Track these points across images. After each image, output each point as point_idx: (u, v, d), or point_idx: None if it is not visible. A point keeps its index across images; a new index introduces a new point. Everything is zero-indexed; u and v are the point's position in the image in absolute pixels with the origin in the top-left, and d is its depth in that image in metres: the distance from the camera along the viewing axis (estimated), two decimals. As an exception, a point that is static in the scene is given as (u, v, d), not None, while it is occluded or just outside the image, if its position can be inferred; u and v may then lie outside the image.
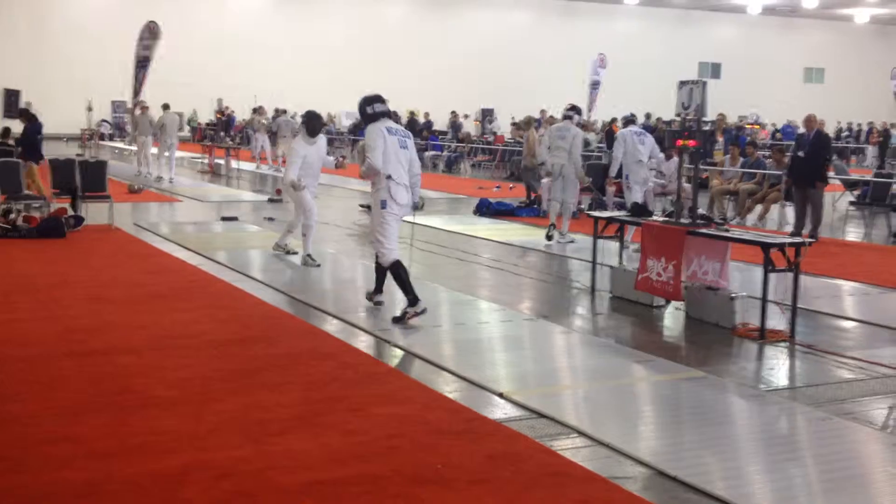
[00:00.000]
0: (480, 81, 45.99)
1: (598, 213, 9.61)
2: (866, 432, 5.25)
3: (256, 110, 27.68)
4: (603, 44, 40.23)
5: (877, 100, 45.61)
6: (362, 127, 8.02)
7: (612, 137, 16.92)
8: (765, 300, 7.28)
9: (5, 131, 15.70)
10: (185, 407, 5.30)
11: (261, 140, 26.86)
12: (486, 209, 15.82)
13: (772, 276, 7.31)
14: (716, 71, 51.41)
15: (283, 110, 28.68)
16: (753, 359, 6.91)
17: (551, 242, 12.33)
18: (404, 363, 6.55)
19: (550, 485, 4.33)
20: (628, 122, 13.86)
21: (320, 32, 44.31)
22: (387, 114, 7.70)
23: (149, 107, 22.33)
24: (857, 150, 36.45)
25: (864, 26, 54.26)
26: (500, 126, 39.88)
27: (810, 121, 13.77)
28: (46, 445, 4.65)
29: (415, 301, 7.49)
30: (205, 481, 4.25)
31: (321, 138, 10.47)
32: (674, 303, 8.32)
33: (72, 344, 6.67)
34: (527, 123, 18.44)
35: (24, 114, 16.28)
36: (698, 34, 51.76)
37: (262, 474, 4.35)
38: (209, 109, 39.73)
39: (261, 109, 27.60)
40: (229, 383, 5.78)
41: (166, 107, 22.06)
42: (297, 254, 10.60)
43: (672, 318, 8.19)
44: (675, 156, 12.60)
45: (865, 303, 9.22)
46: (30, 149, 14.76)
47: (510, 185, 21.16)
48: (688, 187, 8.62)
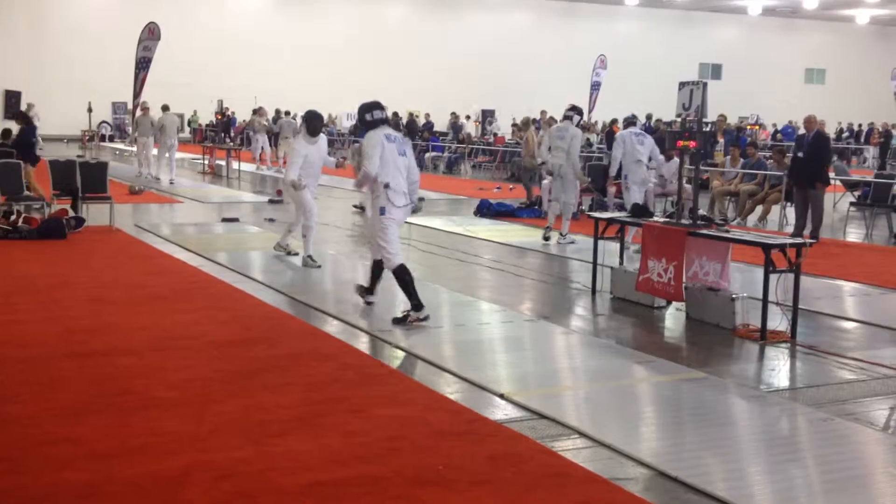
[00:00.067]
0: (480, 82, 46.00)
1: (598, 214, 9.60)
2: (867, 433, 5.24)
3: (256, 111, 27.66)
4: (603, 45, 40.24)
5: (877, 100, 45.63)
6: (362, 129, 8.02)
7: (613, 138, 16.89)
8: (766, 301, 7.27)
9: (5, 133, 15.68)
10: (185, 408, 5.30)
11: (261, 141, 26.86)
12: (486, 210, 15.82)
13: (773, 276, 7.31)
14: (716, 72, 51.44)
15: (287, 111, 28.67)
16: (754, 360, 6.91)
17: (549, 243, 12.34)
18: (405, 364, 6.54)
19: (551, 486, 4.33)
20: (629, 123, 13.85)
21: (320, 33, 44.33)
22: (385, 121, 7.72)
23: (149, 107, 22.32)
24: (857, 151, 36.44)
25: (865, 27, 54.29)
26: (500, 127, 39.89)
27: (810, 121, 13.76)
28: (47, 446, 4.65)
29: (419, 307, 7.48)
30: (205, 482, 4.25)
31: (322, 138, 10.47)
32: (675, 304, 8.32)
33: (72, 345, 6.67)
34: (525, 124, 18.46)
35: (19, 115, 16.27)
36: (699, 35, 51.78)
37: (262, 475, 4.34)
38: (209, 110, 39.75)
39: (261, 110, 27.57)
40: (230, 384, 5.78)
41: (165, 108, 22.05)
42: (298, 255, 10.60)
43: (673, 319, 8.18)
44: (675, 157, 12.60)
45: (866, 303, 9.22)
46: (24, 150, 14.71)
47: (510, 186, 21.15)
48: (688, 188, 8.60)
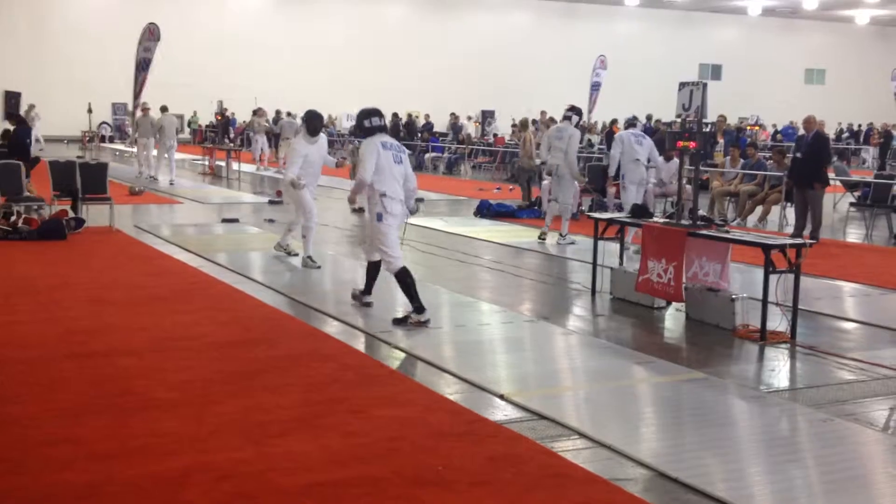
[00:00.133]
0: (480, 82, 46.02)
1: (598, 215, 9.61)
2: (867, 434, 5.24)
3: (256, 112, 27.67)
4: (603, 45, 40.21)
5: (877, 101, 45.64)
6: (360, 133, 8.05)
7: (613, 139, 16.90)
8: (765, 301, 7.28)
9: (5, 133, 15.69)
10: (185, 409, 5.30)
11: (260, 142, 26.86)
12: (486, 211, 15.83)
13: (772, 277, 7.31)
14: (716, 72, 51.46)
15: (289, 112, 28.66)
16: (754, 360, 6.91)
17: (545, 242, 12.46)
18: (405, 365, 6.54)
19: (551, 486, 4.33)
20: (630, 125, 13.89)
21: (320, 33, 44.33)
22: (383, 128, 7.75)
23: (150, 108, 22.32)
24: (856, 152, 36.44)
25: (865, 27, 54.31)
26: (499, 128, 39.87)
27: (809, 122, 13.76)
28: (47, 447, 4.65)
29: (420, 309, 7.48)
30: (205, 483, 4.25)
31: (322, 138, 10.47)
32: (674, 304, 8.32)
33: (72, 346, 6.67)
34: (523, 125, 18.44)
35: (12, 116, 16.25)
36: (699, 35, 51.80)
37: (262, 476, 4.35)
38: (209, 111, 39.73)
39: (260, 111, 27.59)
40: (230, 385, 5.78)
41: (164, 109, 22.04)
42: (298, 255, 10.60)
43: (673, 320, 8.18)
44: (675, 157, 12.62)
45: (866, 304, 9.22)
46: (18, 151, 14.68)
47: (510, 187, 21.15)
48: (688, 189, 8.60)
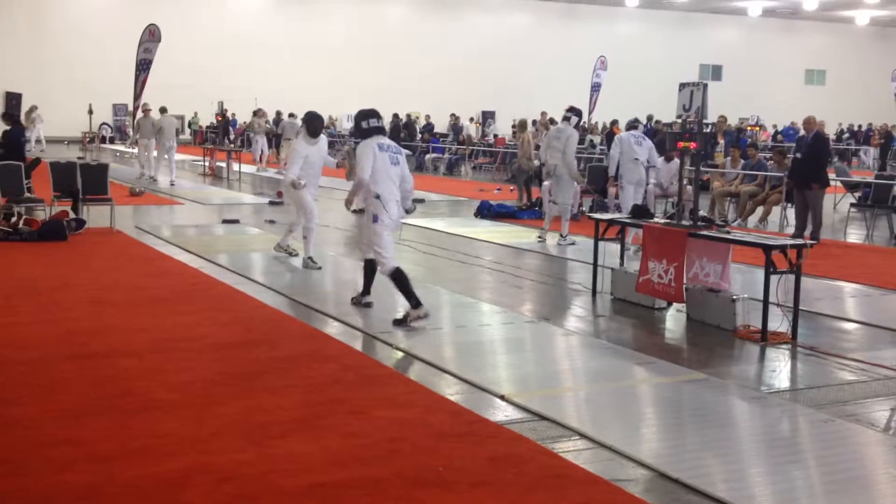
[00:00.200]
0: (481, 83, 46.02)
1: (599, 216, 9.61)
2: (868, 434, 5.24)
3: (256, 113, 27.67)
4: (604, 46, 40.20)
5: (877, 101, 45.65)
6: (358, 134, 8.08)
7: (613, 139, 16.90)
8: (766, 302, 7.27)
9: (5, 134, 15.67)
10: (186, 410, 5.30)
11: (261, 143, 26.84)
12: (486, 211, 15.82)
13: (773, 278, 7.31)
14: (717, 73, 51.47)
15: (291, 114, 28.65)
16: (755, 361, 6.91)
17: (542, 242, 12.54)
18: (406, 366, 6.54)
19: (552, 487, 4.33)
20: (631, 127, 13.90)
21: (320, 33, 44.35)
22: (380, 129, 7.78)
23: (151, 109, 22.31)
24: (856, 153, 36.43)
25: (865, 28, 54.31)
26: (498, 129, 39.85)
27: (809, 123, 13.77)
28: (47, 448, 4.65)
29: (417, 305, 7.49)
30: (206, 484, 4.25)
31: (322, 139, 10.48)
32: (675, 305, 8.31)
33: (73, 347, 6.67)
34: (521, 126, 18.41)
35: (6, 116, 16.22)
36: (699, 36, 51.80)
37: (263, 477, 4.34)
38: (210, 112, 39.73)
39: (260, 112, 27.58)
40: (231, 386, 5.78)
41: (163, 110, 22.02)
42: (298, 255, 10.60)
43: (673, 320, 8.18)
44: (676, 158, 12.62)
45: (867, 304, 9.21)
46: (12, 152, 14.65)
47: (511, 188, 21.13)
48: (689, 189, 8.60)
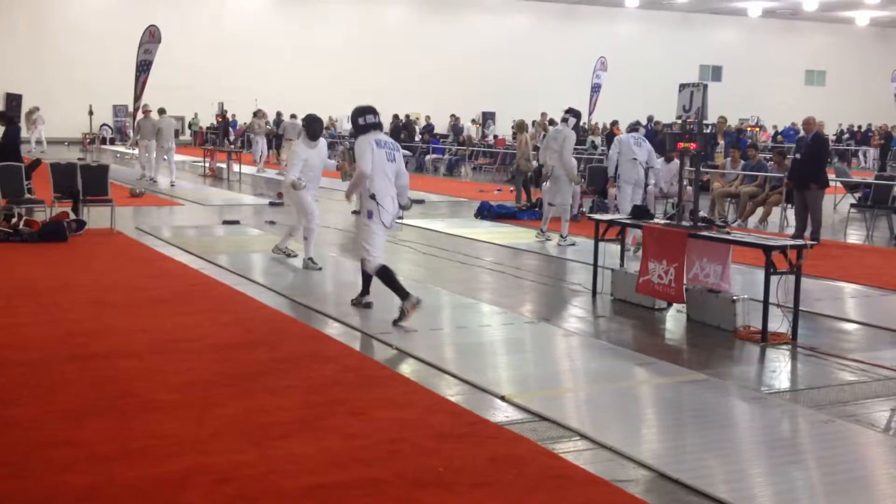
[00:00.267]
0: (481, 83, 46.01)
1: (599, 216, 9.61)
2: (869, 435, 5.24)
3: (256, 114, 27.66)
4: (604, 47, 40.18)
5: (877, 102, 45.64)
6: (354, 132, 8.10)
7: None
8: (766, 303, 7.27)
9: (3, 134, 15.66)
10: (186, 411, 5.30)
11: (261, 143, 26.84)
12: (487, 212, 15.82)
13: (773, 278, 7.31)
14: (717, 74, 51.46)
15: (292, 115, 28.65)
16: (755, 361, 6.91)
17: (541, 241, 12.63)
18: (406, 366, 6.54)
19: (552, 488, 4.33)
20: (632, 129, 13.90)
21: (320, 33, 44.32)
22: (377, 125, 7.80)
23: (151, 110, 22.31)
24: (855, 153, 36.42)
25: (865, 28, 54.30)
26: (499, 130, 39.83)
27: (809, 123, 13.77)
28: (48, 449, 4.65)
29: (406, 295, 7.52)
30: (206, 485, 4.25)
31: (322, 142, 10.50)
32: (675, 305, 8.32)
33: (73, 348, 6.67)
34: (520, 127, 18.41)
35: (2, 116, 16.21)
36: (699, 37, 51.79)
37: (263, 478, 4.34)
38: (210, 113, 39.72)
39: (260, 113, 27.58)
40: (231, 387, 5.78)
41: (162, 111, 22.00)
42: (297, 256, 10.61)
43: (673, 321, 8.18)
44: (676, 158, 12.62)
45: (867, 305, 9.22)
46: (9, 152, 14.61)
47: (511, 189, 21.12)
48: (689, 190, 8.60)
